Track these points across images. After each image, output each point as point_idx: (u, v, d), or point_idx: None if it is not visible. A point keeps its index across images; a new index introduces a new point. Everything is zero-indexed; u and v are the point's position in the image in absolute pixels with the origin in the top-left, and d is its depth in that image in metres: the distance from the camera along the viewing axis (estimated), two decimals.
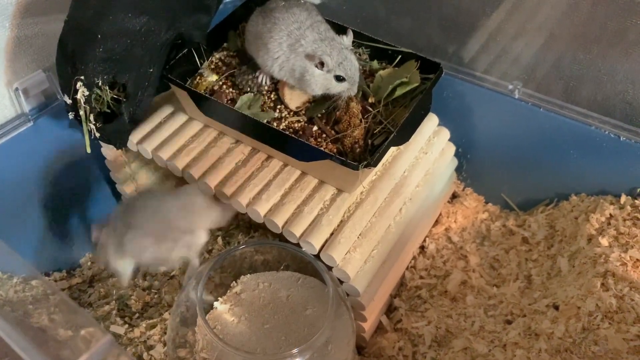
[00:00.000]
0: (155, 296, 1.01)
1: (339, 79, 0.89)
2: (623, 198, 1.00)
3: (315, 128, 0.93)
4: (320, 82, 0.90)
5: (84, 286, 1.10)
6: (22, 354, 0.53)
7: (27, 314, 0.65)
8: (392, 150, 0.99)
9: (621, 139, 0.98)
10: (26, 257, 1.06)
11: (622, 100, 1.00)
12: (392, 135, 0.88)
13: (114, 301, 1.02)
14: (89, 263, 1.16)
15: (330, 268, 0.87)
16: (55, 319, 0.63)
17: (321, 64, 0.88)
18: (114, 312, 1.00)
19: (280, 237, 0.91)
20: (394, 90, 0.95)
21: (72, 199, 1.12)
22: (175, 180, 1.13)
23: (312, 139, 0.92)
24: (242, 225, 1.12)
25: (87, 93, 0.89)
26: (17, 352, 0.53)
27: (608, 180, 1.03)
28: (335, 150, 0.91)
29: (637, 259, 0.90)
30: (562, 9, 0.98)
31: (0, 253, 0.69)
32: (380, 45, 1.01)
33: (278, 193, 0.91)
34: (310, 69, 0.89)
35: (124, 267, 0.86)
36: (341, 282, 0.88)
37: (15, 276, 0.80)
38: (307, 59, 0.88)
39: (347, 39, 0.92)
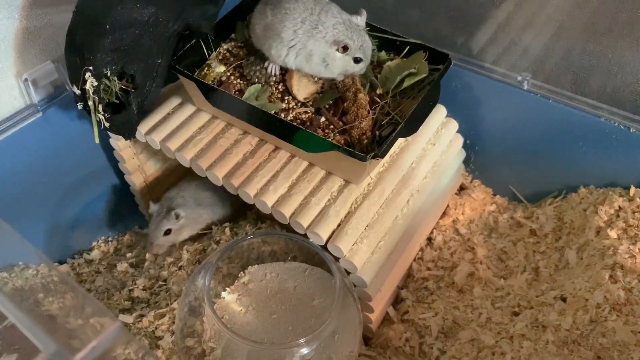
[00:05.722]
0: (164, 286, 1.01)
1: (357, 60, 0.91)
2: (632, 190, 0.99)
3: (322, 119, 0.93)
4: (340, 65, 0.92)
5: (93, 275, 1.11)
6: (35, 341, 0.53)
7: (38, 302, 0.66)
8: (400, 141, 0.99)
9: (631, 130, 0.98)
10: (36, 246, 1.07)
11: (632, 91, 0.99)
12: (400, 126, 0.88)
13: (122, 290, 1.03)
14: (98, 251, 1.17)
15: (337, 259, 0.87)
16: (65, 306, 0.63)
17: (343, 49, 0.89)
18: (123, 301, 1.01)
19: (288, 228, 0.91)
20: (402, 81, 0.95)
21: (81, 189, 1.13)
22: (183, 171, 1.14)
23: (319, 130, 0.92)
24: (250, 216, 1.13)
25: (95, 83, 0.89)
26: (30, 339, 0.54)
27: (617, 172, 1.02)
28: (342, 141, 0.91)
29: None
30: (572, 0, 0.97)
31: (11, 241, 0.70)
32: (389, 36, 1.01)
33: (285, 184, 0.91)
34: (331, 54, 0.90)
35: None
36: (348, 273, 0.88)
37: (26, 264, 0.80)
38: (333, 44, 0.90)
39: (362, 19, 0.93)
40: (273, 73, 0.97)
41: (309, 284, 0.90)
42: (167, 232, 1.04)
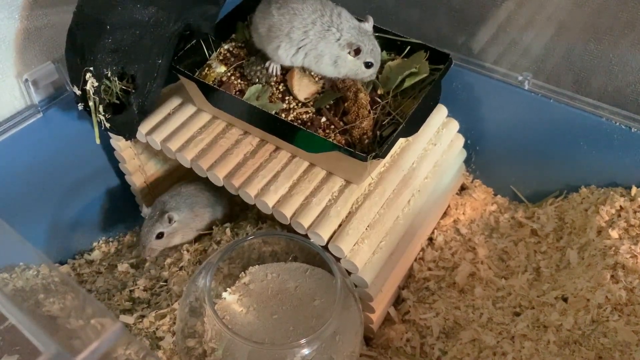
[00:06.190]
0: (164, 286, 1.01)
1: (367, 65, 0.91)
2: (634, 190, 0.99)
3: (323, 119, 0.93)
4: (350, 68, 0.92)
5: (94, 275, 1.11)
6: (36, 342, 0.53)
7: (39, 303, 0.66)
8: (401, 141, 0.99)
9: (632, 130, 0.97)
10: (37, 247, 1.07)
11: (634, 91, 0.99)
12: (401, 126, 0.88)
13: (123, 291, 1.03)
14: (99, 252, 1.17)
15: (338, 259, 0.87)
16: (66, 307, 0.63)
17: (355, 52, 0.90)
18: (123, 301, 1.01)
19: (289, 229, 0.91)
20: (402, 81, 0.95)
21: (82, 189, 1.13)
22: (184, 171, 1.14)
23: (320, 130, 0.92)
24: (251, 216, 1.13)
25: (96, 84, 0.89)
26: (31, 339, 0.54)
27: (618, 172, 1.02)
28: (343, 141, 0.91)
29: None
30: None
31: (12, 242, 0.70)
32: (389, 36, 1.01)
33: (286, 184, 0.91)
34: (342, 56, 0.91)
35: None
36: (349, 273, 0.88)
37: (26, 265, 0.80)
38: (347, 46, 0.90)
39: (369, 25, 0.94)
40: (274, 73, 0.97)
41: (310, 284, 0.90)
42: (160, 236, 1.03)
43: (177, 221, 1.04)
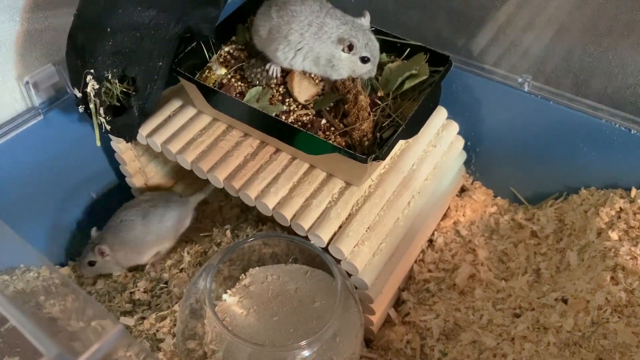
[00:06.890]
0: (165, 288, 1.01)
1: (364, 60, 0.91)
2: (633, 192, 0.99)
3: (323, 121, 0.93)
4: (347, 65, 0.92)
5: (94, 277, 1.11)
6: (36, 344, 0.53)
7: (39, 305, 0.66)
8: (401, 143, 0.99)
9: (632, 132, 0.98)
10: (37, 249, 1.07)
11: (633, 93, 0.99)
12: (401, 128, 0.88)
13: (123, 293, 1.03)
14: None
15: (338, 261, 0.87)
16: (66, 309, 0.63)
17: (349, 48, 0.90)
18: (124, 303, 1.01)
19: (289, 230, 0.91)
20: (402, 83, 0.95)
21: (82, 191, 1.13)
22: (184, 174, 1.14)
23: (320, 132, 0.92)
24: (251, 218, 1.13)
25: (96, 86, 0.89)
26: (31, 341, 0.54)
27: (618, 173, 1.02)
28: (343, 143, 0.91)
29: None
30: (573, 1, 0.97)
31: (13, 244, 0.70)
32: (389, 38, 1.01)
33: (286, 186, 0.91)
34: (337, 54, 0.91)
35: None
36: (349, 275, 0.88)
37: (27, 267, 0.80)
38: (338, 42, 0.90)
39: (366, 20, 0.94)
40: (274, 75, 0.97)
41: (310, 286, 0.90)
42: (92, 264, 1.04)
43: (110, 256, 1.04)
